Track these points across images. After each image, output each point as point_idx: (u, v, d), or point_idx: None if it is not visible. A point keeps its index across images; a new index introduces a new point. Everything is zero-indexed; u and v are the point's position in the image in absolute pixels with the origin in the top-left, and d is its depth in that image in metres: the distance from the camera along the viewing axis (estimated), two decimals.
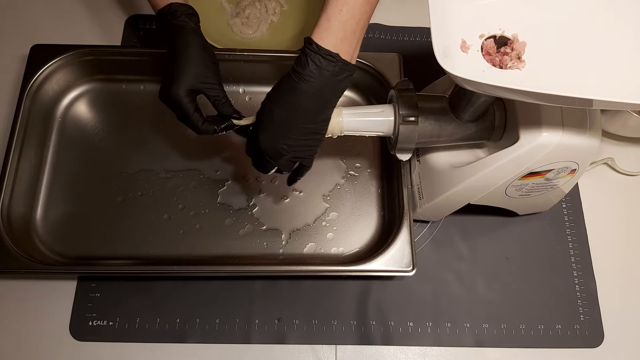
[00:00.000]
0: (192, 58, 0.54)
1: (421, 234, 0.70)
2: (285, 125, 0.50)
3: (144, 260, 0.65)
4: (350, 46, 0.49)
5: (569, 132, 0.51)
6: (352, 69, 0.50)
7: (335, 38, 0.48)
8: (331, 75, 0.49)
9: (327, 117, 0.52)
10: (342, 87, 0.51)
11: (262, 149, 0.52)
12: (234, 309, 0.64)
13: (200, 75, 0.54)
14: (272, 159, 0.53)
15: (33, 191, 0.67)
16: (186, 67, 0.54)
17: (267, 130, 0.51)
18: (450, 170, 0.60)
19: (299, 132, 0.51)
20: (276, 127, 0.51)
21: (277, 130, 0.51)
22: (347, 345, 0.64)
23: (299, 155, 0.53)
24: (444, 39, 0.47)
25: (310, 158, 0.55)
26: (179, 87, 0.53)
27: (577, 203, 0.72)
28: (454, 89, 0.55)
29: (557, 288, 0.67)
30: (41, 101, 0.69)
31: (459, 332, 0.65)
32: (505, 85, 0.43)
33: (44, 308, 0.64)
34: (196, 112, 0.55)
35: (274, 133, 0.51)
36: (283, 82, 0.50)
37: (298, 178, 0.59)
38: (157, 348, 0.62)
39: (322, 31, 0.48)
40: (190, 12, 0.56)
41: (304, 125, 0.51)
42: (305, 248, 0.67)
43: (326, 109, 0.52)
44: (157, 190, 0.69)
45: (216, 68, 0.56)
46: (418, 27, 0.83)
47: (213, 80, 0.55)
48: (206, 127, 0.56)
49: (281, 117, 0.50)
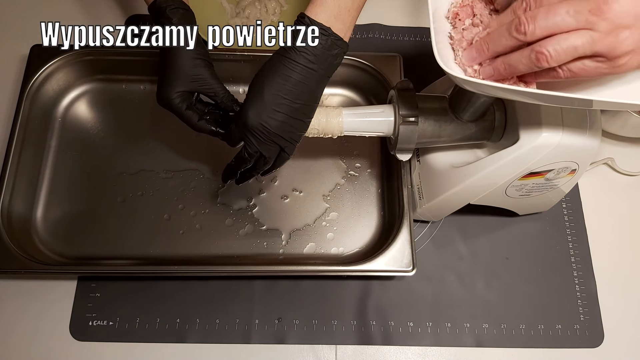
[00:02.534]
0: (179, 58, 0.52)
1: (421, 234, 0.70)
2: (275, 100, 0.49)
3: (144, 260, 0.65)
4: (344, 24, 0.49)
5: (569, 132, 0.51)
6: (345, 46, 0.50)
7: (329, 14, 0.48)
8: (323, 49, 0.48)
9: (317, 96, 0.51)
10: (334, 64, 0.50)
11: (249, 127, 0.50)
12: (234, 309, 0.64)
13: (188, 75, 0.53)
14: (258, 140, 0.51)
15: (33, 191, 0.67)
16: (174, 68, 0.52)
17: (256, 104, 0.49)
18: (450, 170, 0.60)
19: (288, 109, 0.49)
20: (266, 101, 0.49)
21: (266, 105, 0.49)
22: (347, 345, 0.64)
23: (285, 137, 0.51)
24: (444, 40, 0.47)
25: (293, 144, 0.53)
26: (167, 90, 0.52)
27: (577, 203, 0.72)
28: (454, 89, 0.55)
29: (557, 288, 0.67)
30: (41, 101, 0.69)
31: (459, 332, 0.65)
32: (505, 85, 0.43)
33: (44, 308, 0.64)
34: (189, 111, 0.54)
35: (263, 107, 0.49)
36: (275, 57, 0.49)
37: (275, 168, 0.56)
38: (157, 348, 0.63)
39: (316, 7, 0.48)
40: (176, 7, 0.53)
41: (295, 100, 0.49)
42: (305, 248, 0.67)
43: (317, 87, 0.50)
44: (157, 190, 0.69)
45: (206, 63, 0.54)
46: (418, 27, 0.83)
47: (204, 76, 0.53)
48: (202, 124, 0.55)
49: (271, 92, 0.49)
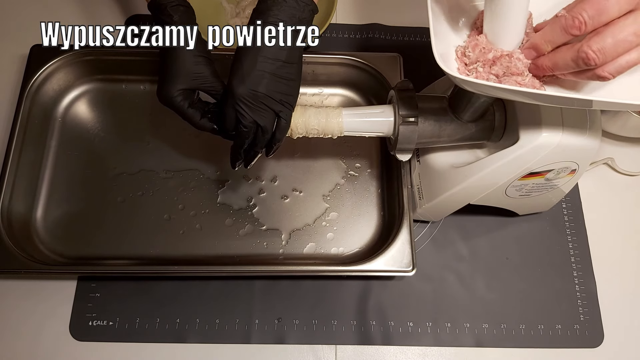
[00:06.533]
0: (180, 56, 0.52)
1: (421, 234, 0.70)
2: (253, 63, 0.49)
3: (144, 260, 0.65)
4: None
5: (569, 133, 0.51)
6: (313, 3, 0.50)
7: None
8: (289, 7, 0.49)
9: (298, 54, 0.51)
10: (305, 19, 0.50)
11: (236, 96, 0.49)
12: (234, 309, 0.64)
13: (189, 72, 0.53)
14: (249, 107, 0.50)
15: (33, 191, 0.67)
16: (174, 66, 0.52)
17: (237, 72, 0.49)
18: (450, 171, 0.60)
19: (270, 67, 0.49)
20: (245, 67, 0.49)
21: (246, 70, 0.49)
22: (347, 345, 0.64)
23: (276, 99, 0.51)
24: (443, 40, 0.47)
25: (287, 108, 0.52)
26: (169, 88, 0.52)
27: (577, 203, 0.72)
28: (454, 90, 0.55)
29: (557, 288, 0.67)
30: (41, 101, 0.69)
31: (459, 332, 0.65)
32: (505, 86, 0.43)
33: (44, 308, 0.64)
34: (191, 109, 0.54)
35: (245, 73, 0.49)
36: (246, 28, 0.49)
37: (278, 141, 0.55)
38: (157, 348, 0.63)
39: None
40: (177, 4, 0.53)
41: (275, 59, 0.49)
42: (305, 248, 0.67)
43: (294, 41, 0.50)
44: (157, 190, 0.69)
45: (208, 61, 0.54)
46: (418, 27, 0.83)
47: (206, 74, 0.53)
48: (204, 122, 0.55)
49: (248, 57, 0.49)
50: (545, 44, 0.43)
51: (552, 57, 0.42)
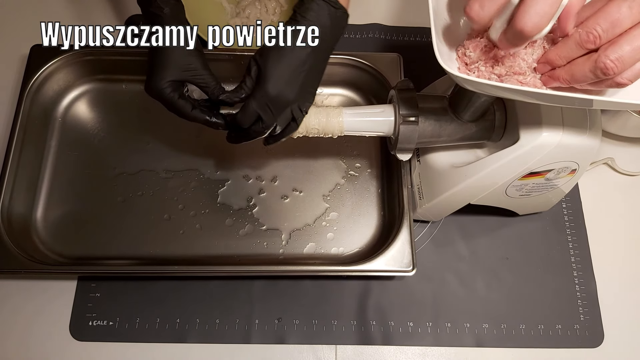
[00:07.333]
0: (170, 47, 0.51)
1: (421, 234, 0.70)
2: (290, 71, 0.49)
3: (144, 260, 0.65)
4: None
5: (569, 132, 0.51)
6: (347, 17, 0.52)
7: None
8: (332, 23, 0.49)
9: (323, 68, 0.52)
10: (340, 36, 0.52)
11: (270, 97, 0.50)
12: (234, 309, 0.64)
13: (179, 64, 0.52)
14: (277, 109, 0.51)
15: (33, 191, 0.67)
16: (164, 58, 0.51)
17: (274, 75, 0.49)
18: (450, 170, 0.60)
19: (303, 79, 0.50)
20: (284, 72, 0.49)
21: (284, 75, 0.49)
22: (347, 346, 0.64)
23: (301, 108, 0.52)
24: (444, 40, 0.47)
25: (303, 116, 0.53)
26: (158, 79, 0.51)
27: (577, 203, 0.72)
28: (454, 89, 0.55)
29: (557, 288, 0.67)
30: (41, 101, 0.69)
31: (459, 332, 0.65)
32: (507, 85, 0.43)
33: (44, 308, 0.64)
34: (181, 100, 0.53)
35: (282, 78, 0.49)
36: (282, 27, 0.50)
37: (284, 137, 0.56)
38: (157, 348, 0.63)
39: None
40: None
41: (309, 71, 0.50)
42: (305, 248, 0.67)
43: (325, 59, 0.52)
44: (157, 190, 0.69)
45: (199, 53, 0.53)
46: (418, 27, 0.83)
47: (196, 66, 0.52)
48: (196, 113, 0.54)
49: (291, 58, 0.49)
50: (559, 60, 0.43)
51: (569, 69, 0.42)
